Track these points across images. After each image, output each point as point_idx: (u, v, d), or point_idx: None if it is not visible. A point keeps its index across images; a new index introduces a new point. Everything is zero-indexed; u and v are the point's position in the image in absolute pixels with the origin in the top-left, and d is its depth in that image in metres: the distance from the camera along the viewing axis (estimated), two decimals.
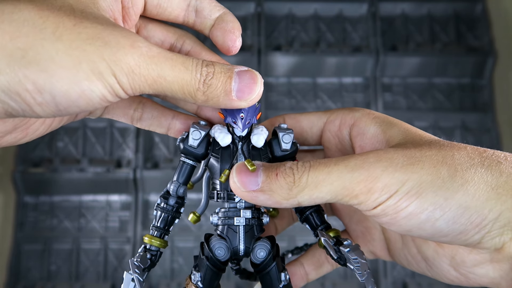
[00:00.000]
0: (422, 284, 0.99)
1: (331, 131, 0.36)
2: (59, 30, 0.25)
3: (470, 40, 1.13)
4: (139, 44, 0.27)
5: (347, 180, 0.28)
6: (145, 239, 0.33)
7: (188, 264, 1.02)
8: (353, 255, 0.30)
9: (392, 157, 0.28)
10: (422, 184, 0.27)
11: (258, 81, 0.30)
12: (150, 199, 1.05)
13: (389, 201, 0.28)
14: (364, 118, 0.34)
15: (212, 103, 0.29)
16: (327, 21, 1.15)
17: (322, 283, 0.99)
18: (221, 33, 0.33)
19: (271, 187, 0.29)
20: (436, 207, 0.27)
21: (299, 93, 1.11)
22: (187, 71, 0.28)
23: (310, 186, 0.29)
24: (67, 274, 1.01)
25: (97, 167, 1.02)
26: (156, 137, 1.08)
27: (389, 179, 0.28)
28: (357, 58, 1.08)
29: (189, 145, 0.33)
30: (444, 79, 1.12)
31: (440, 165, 0.28)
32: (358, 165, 0.28)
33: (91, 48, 0.25)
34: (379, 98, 1.09)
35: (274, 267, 0.33)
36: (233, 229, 0.33)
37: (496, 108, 1.08)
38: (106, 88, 0.26)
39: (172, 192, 0.34)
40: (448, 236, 0.28)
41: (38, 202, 1.05)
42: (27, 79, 0.25)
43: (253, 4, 1.11)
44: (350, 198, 0.28)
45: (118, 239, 1.02)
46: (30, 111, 0.26)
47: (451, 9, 1.14)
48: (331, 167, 0.28)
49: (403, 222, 0.28)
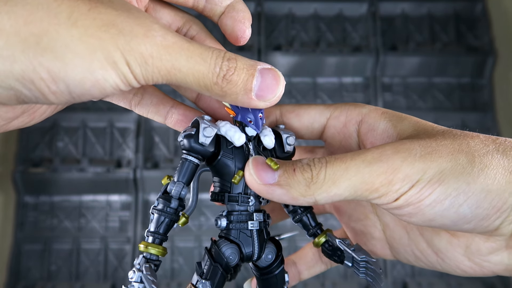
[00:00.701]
0: (422, 283, 0.99)
1: (335, 127, 0.35)
2: (74, 15, 0.24)
3: (470, 39, 1.13)
4: (153, 33, 0.26)
5: (366, 174, 0.27)
6: (142, 247, 0.30)
7: (188, 265, 1.02)
8: (361, 255, 0.30)
9: (410, 147, 0.28)
10: (443, 171, 0.27)
11: (280, 81, 0.29)
12: (150, 199, 1.05)
13: (412, 191, 0.27)
14: (373, 113, 0.33)
15: (229, 99, 0.28)
16: (327, 20, 1.15)
17: (322, 283, 0.99)
18: (231, 21, 0.32)
19: (288, 182, 0.29)
20: (459, 192, 0.27)
21: (299, 93, 1.11)
22: (204, 63, 0.26)
23: (328, 183, 0.28)
24: (67, 274, 1.01)
25: (97, 167, 1.02)
26: (156, 137, 1.08)
27: (409, 169, 0.27)
28: (357, 58, 1.08)
29: (200, 143, 0.30)
30: (444, 79, 1.12)
31: (457, 153, 0.28)
32: (376, 158, 0.28)
33: (106, 36, 0.24)
34: (379, 98, 1.09)
35: (283, 268, 0.33)
36: (245, 234, 0.32)
37: (496, 108, 1.08)
38: (119, 77, 0.25)
39: (175, 194, 0.31)
40: (471, 222, 0.28)
41: (38, 202, 1.05)
42: (42, 67, 0.24)
43: (253, 3, 1.11)
44: (370, 192, 0.28)
45: (118, 239, 1.02)
46: (44, 98, 0.25)
47: (451, 8, 1.14)
48: (348, 163, 0.28)
49: (426, 211, 0.28)
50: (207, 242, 1.02)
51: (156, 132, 1.08)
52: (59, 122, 1.07)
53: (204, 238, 1.02)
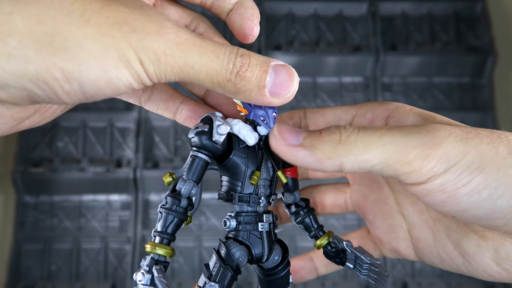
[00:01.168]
0: (422, 283, 0.99)
1: (362, 125, 0.34)
2: (87, 13, 0.24)
3: (470, 39, 1.13)
4: (166, 30, 0.25)
5: (401, 143, 0.26)
6: (149, 248, 0.28)
7: (188, 264, 1.02)
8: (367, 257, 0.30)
9: (450, 130, 0.26)
10: (484, 159, 0.26)
11: (294, 78, 0.28)
12: (150, 199, 1.05)
13: (449, 175, 0.26)
14: (400, 109, 0.33)
15: (242, 96, 0.27)
16: (327, 20, 1.15)
17: (323, 283, 0.99)
18: (239, 19, 0.31)
19: (313, 143, 0.27)
20: (499, 183, 0.26)
21: (299, 93, 1.11)
22: (217, 60, 0.26)
23: (359, 146, 0.26)
24: (67, 273, 1.01)
25: (97, 167, 1.02)
26: (156, 136, 1.08)
27: (450, 147, 0.26)
28: (357, 58, 1.08)
29: (213, 141, 0.29)
30: (444, 79, 1.12)
31: (498, 143, 0.26)
32: (415, 131, 0.26)
33: (119, 34, 0.24)
34: (379, 97, 1.09)
35: (288, 271, 0.32)
36: (255, 235, 0.31)
37: (496, 108, 1.08)
38: (133, 76, 0.25)
39: (185, 193, 0.29)
40: (506, 217, 0.27)
41: (38, 202, 1.05)
42: (55, 67, 0.24)
43: None
44: (401, 164, 0.26)
45: (118, 238, 1.02)
46: (57, 99, 0.25)
47: (451, 8, 1.14)
48: (383, 131, 0.26)
49: (462, 200, 0.26)
50: (207, 242, 1.02)
51: (156, 132, 1.08)
52: (59, 122, 1.07)
53: (204, 238, 1.02)
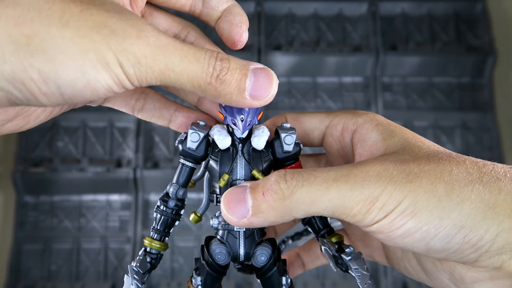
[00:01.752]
0: (422, 284, 0.99)
1: (333, 136, 0.35)
2: (66, 16, 0.24)
3: (470, 39, 1.13)
4: (146, 33, 0.25)
5: (346, 199, 0.27)
6: (146, 242, 0.33)
7: (188, 264, 1.02)
8: (355, 265, 0.30)
9: (392, 174, 0.28)
10: (418, 203, 0.27)
11: (273, 81, 0.29)
12: (150, 198, 1.05)
13: (384, 220, 0.27)
14: (367, 124, 0.33)
15: (223, 99, 0.28)
16: (327, 20, 1.15)
17: (323, 283, 0.99)
18: (227, 26, 0.32)
19: (261, 209, 0.28)
20: (430, 226, 0.27)
21: (299, 93, 1.11)
22: (198, 63, 0.26)
23: (306, 202, 0.28)
24: (67, 273, 1.01)
25: (97, 167, 1.02)
26: (156, 136, 1.08)
27: (387, 198, 0.27)
28: (357, 58, 1.08)
29: (188, 148, 0.32)
30: (444, 79, 1.12)
31: (438, 182, 0.27)
32: (358, 183, 0.27)
33: (98, 36, 0.24)
34: (379, 97, 1.09)
35: (275, 271, 0.32)
36: (233, 235, 0.32)
37: (496, 108, 1.08)
38: (112, 78, 0.25)
39: (172, 195, 0.33)
40: (443, 253, 0.28)
41: (38, 202, 1.05)
42: (32, 68, 0.24)
43: (253, 3, 1.11)
44: (346, 215, 0.28)
45: (118, 238, 1.02)
46: (35, 100, 0.25)
47: (451, 8, 1.14)
48: (329, 183, 0.28)
49: (398, 240, 0.28)
50: None
51: (156, 132, 1.08)
52: (59, 122, 1.07)
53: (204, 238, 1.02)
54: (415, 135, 0.32)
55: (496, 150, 1.05)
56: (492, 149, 1.06)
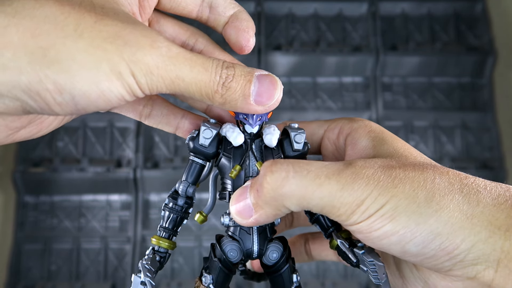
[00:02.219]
0: None
1: (329, 139, 0.36)
2: (81, 27, 0.25)
3: (470, 39, 1.13)
4: (159, 44, 0.26)
5: (336, 199, 0.28)
6: (153, 240, 0.33)
7: (188, 264, 1.02)
8: (369, 258, 0.30)
9: (379, 178, 0.28)
10: (397, 208, 0.27)
11: (278, 87, 0.30)
12: (150, 198, 1.05)
13: (364, 222, 0.28)
14: (360, 129, 0.34)
15: (229, 106, 0.29)
16: (327, 20, 1.15)
17: (322, 283, 0.99)
18: (234, 31, 0.33)
19: (259, 205, 0.29)
20: (407, 230, 0.27)
21: (299, 93, 1.11)
22: (206, 73, 0.27)
23: (298, 196, 0.28)
24: (67, 273, 1.01)
25: (97, 167, 1.02)
26: (156, 136, 1.08)
27: (371, 202, 0.28)
28: (357, 58, 1.08)
29: (200, 144, 0.32)
30: (444, 79, 1.12)
31: (419, 189, 0.28)
32: (349, 184, 0.28)
33: (112, 47, 0.25)
34: (379, 97, 1.09)
35: (287, 269, 0.33)
36: (246, 231, 0.33)
37: (496, 108, 1.08)
38: (125, 88, 0.26)
39: (181, 192, 0.33)
40: (418, 257, 0.28)
41: (38, 202, 1.05)
42: (48, 79, 0.25)
43: (253, 3, 1.11)
44: (332, 214, 0.29)
45: (118, 238, 1.02)
46: (49, 110, 0.26)
47: (451, 8, 1.14)
48: (322, 179, 0.28)
49: (375, 241, 0.29)
50: (207, 242, 1.02)
51: (156, 132, 1.08)
52: None
53: (204, 238, 1.02)
54: (405, 145, 0.33)
55: (496, 150, 1.05)
56: (492, 149, 1.06)
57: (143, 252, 1.01)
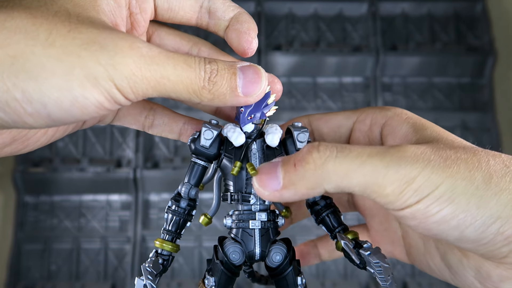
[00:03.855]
0: (422, 284, 0.99)
1: (361, 131, 0.35)
2: (52, 36, 0.24)
3: (470, 39, 1.13)
4: (138, 44, 0.25)
5: (381, 175, 0.26)
6: (157, 243, 0.32)
7: (188, 264, 1.02)
8: (375, 259, 0.29)
9: (429, 157, 0.27)
10: (455, 190, 0.26)
11: (262, 75, 0.29)
12: (150, 199, 1.05)
13: (419, 205, 0.27)
14: (397, 117, 0.33)
15: (218, 101, 0.28)
16: (327, 20, 1.15)
17: (322, 283, 0.99)
18: (236, 34, 0.32)
19: (292, 180, 0.28)
20: (467, 214, 0.26)
21: (299, 93, 1.11)
22: (190, 69, 0.27)
23: (339, 173, 0.27)
24: (67, 273, 1.01)
25: (97, 166, 1.02)
26: (156, 136, 1.08)
27: (424, 180, 0.26)
28: (357, 58, 1.08)
29: (201, 145, 0.32)
30: (444, 79, 1.12)
31: (475, 170, 0.27)
32: (395, 161, 0.26)
33: (86, 53, 0.24)
34: (379, 97, 1.09)
35: (291, 271, 0.32)
36: (248, 233, 0.32)
37: (496, 108, 1.08)
38: (103, 94, 0.25)
39: (184, 194, 0.33)
40: (475, 243, 0.27)
41: (38, 202, 1.05)
42: (16, 87, 0.23)
43: (253, 3, 1.11)
44: (378, 195, 0.27)
45: (118, 238, 1.02)
46: (22, 122, 0.25)
47: (451, 8, 1.14)
48: (364, 158, 0.27)
49: (432, 227, 0.27)
50: (207, 242, 1.02)
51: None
52: None
53: (204, 238, 1.02)
54: (446, 131, 0.31)
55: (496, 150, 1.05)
56: (492, 149, 1.05)
57: (143, 252, 1.01)
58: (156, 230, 1.03)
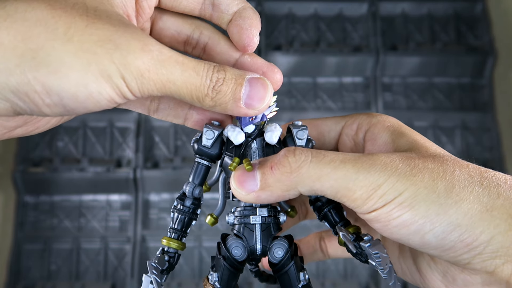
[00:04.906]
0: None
1: (348, 135, 0.36)
2: (71, 31, 0.25)
3: (470, 39, 1.13)
4: (150, 47, 0.26)
5: (351, 181, 0.28)
6: (163, 241, 0.33)
7: (188, 264, 1.02)
8: (374, 250, 0.30)
9: (397, 166, 0.28)
10: (417, 197, 0.27)
11: (268, 90, 0.30)
12: (150, 199, 1.05)
13: (383, 209, 0.28)
14: (379, 124, 0.34)
15: (219, 109, 0.29)
16: (327, 20, 1.15)
17: (322, 283, 0.99)
18: (237, 30, 0.32)
19: (268, 182, 0.29)
20: (426, 220, 0.27)
21: (299, 93, 1.11)
22: (197, 77, 0.28)
23: (312, 177, 0.28)
24: (67, 273, 1.01)
25: (97, 166, 1.02)
26: (156, 136, 1.08)
27: (390, 187, 0.28)
28: (357, 58, 1.08)
29: (203, 145, 0.33)
30: (444, 79, 1.12)
31: (439, 179, 0.28)
32: (365, 168, 0.28)
33: (102, 50, 0.25)
34: (379, 97, 1.09)
35: (292, 266, 0.32)
36: (249, 228, 0.33)
37: (496, 108, 1.08)
38: (114, 90, 0.26)
39: (188, 194, 0.34)
40: (437, 249, 0.28)
41: (38, 202, 1.05)
42: (36, 80, 0.25)
43: (253, 3, 1.11)
44: (348, 199, 0.29)
45: (118, 238, 1.02)
46: (38, 111, 0.26)
47: (451, 8, 1.14)
48: (337, 163, 0.28)
49: (394, 230, 0.29)
50: (207, 242, 1.02)
51: (156, 132, 1.08)
52: None
53: (204, 238, 1.02)
54: (423, 138, 0.33)
55: (496, 150, 1.05)
56: (492, 149, 1.06)
57: (143, 252, 1.01)
58: (156, 230, 1.03)
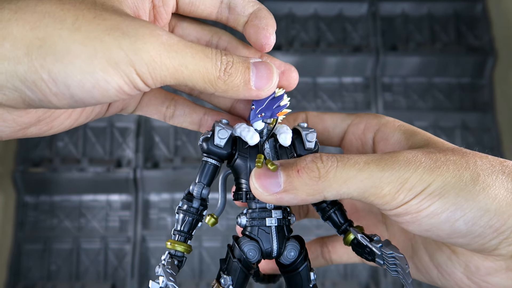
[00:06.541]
0: (422, 284, 0.99)
1: (354, 134, 0.37)
2: (78, 21, 0.25)
3: (470, 39, 1.13)
4: (159, 32, 0.27)
5: (377, 179, 0.28)
6: (168, 244, 0.32)
7: (188, 264, 1.02)
8: (388, 250, 0.30)
9: (421, 160, 0.29)
10: (445, 186, 0.28)
11: (274, 71, 0.31)
12: (150, 199, 1.05)
13: (413, 201, 0.28)
14: (390, 124, 0.35)
15: (231, 93, 0.29)
16: (327, 20, 1.15)
17: (323, 283, 0.99)
18: (254, 30, 0.32)
19: (294, 185, 0.29)
20: (457, 207, 0.28)
21: (299, 93, 1.11)
22: (207, 59, 0.28)
23: (339, 181, 0.29)
24: (67, 273, 1.01)
25: (97, 167, 1.02)
26: (156, 136, 1.08)
27: (417, 180, 0.28)
28: (357, 58, 1.08)
29: (215, 144, 0.32)
30: (444, 79, 1.12)
31: (464, 170, 0.29)
32: (389, 165, 0.29)
33: (109, 38, 0.25)
34: (379, 97, 1.09)
35: (305, 267, 0.33)
36: (264, 230, 0.33)
37: (496, 108, 1.08)
38: (123, 78, 0.26)
39: (196, 194, 0.33)
40: (466, 237, 0.29)
41: (38, 202, 1.05)
42: (43, 68, 0.25)
43: None
44: (376, 197, 0.29)
45: (118, 238, 1.02)
46: (47, 101, 0.26)
47: (451, 8, 1.14)
48: (361, 165, 0.29)
49: (424, 221, 0.29)
50: (207, 242, 1.02)
51: (156, 132, 1.08)
52: None
53: (204, 238, 1.02)
54: (435, 137, 0.33)
55: (496, 150, 1.05)
56: (492, 149, 1.06)
57: (143, 252, 1.01)
58: (156, 230, 1.03)
